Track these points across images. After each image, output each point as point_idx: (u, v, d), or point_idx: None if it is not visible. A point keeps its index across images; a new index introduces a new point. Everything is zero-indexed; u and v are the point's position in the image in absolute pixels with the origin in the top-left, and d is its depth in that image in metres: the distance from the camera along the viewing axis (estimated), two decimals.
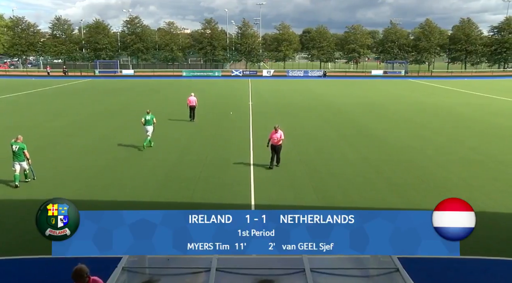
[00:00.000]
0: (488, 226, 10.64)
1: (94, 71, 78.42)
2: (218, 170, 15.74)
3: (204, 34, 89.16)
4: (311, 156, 17.82)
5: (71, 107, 33.13)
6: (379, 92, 45.89)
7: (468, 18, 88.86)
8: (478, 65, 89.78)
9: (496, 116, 28.65)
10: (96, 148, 19.30)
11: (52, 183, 14.22)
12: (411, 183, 14.33)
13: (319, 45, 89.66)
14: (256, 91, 46.52)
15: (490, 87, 52.23)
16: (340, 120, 26.93)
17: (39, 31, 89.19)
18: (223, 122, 26.10)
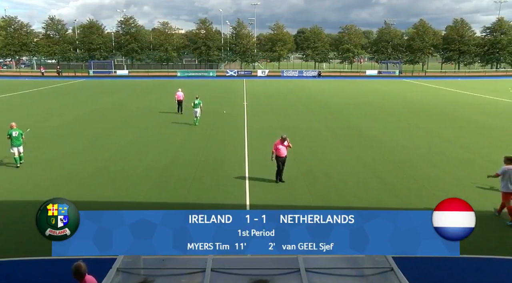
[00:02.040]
0: (480, 225, 10.72)
1: (88, 71, 78.13)
2: (213, 170, 15.72)
3: (198, 34, 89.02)
4: (305, 156, 17.86)
5: (65, 107, 32.96)
6: (373, 92, 46.04)
7: (462, 18, 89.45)
8: (471, 65, 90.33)
9: (488, 116, 28.87)
10: (90, 148, 19.21)
11: (44, 184, 14.13)
12: (405, 183, 14.40)
13: (314, 46, 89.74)
14: (251, 91, 46.51)
15: (482, 87, 52.61)
16: (335, 120, 27.00)
17: (32, 31, 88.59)
18: (218, 122, 26.09)
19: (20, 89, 47.43)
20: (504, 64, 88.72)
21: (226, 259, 5.00)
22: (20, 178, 14.83)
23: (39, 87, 50.51)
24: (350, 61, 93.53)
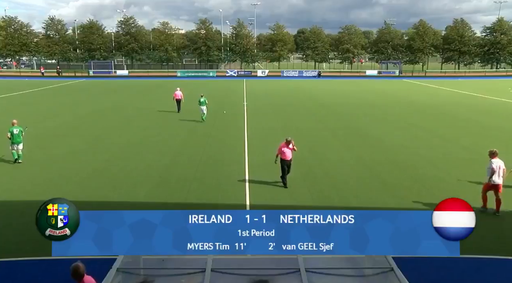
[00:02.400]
0: (480, 225, 10.72)
1: (88, 71, 78.12)
2: (213, 171, 15.72)
3: (198, 35, 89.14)
4: (305, 155, 17.82)
5: (65, 107, 32.99)
6: (373, 92, 46.06)
7: (462, 18, 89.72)
8: (471, 65, 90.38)
9: (488, 116, 28.88)
10: (89, 148, 19.20)
11: (44, 184, 14.08)
12: (405, 183, 14.39)
13: (314, 46, 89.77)
14: (251, 91, 46.50)
15: (483, 87, 52.60)
16: (334, 120, 27.01)
17: (32, 31, 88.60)
18: (218, 122, 26.09)
19: (20, 90, 47.42)
20: (504, 64, 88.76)
21: (226, 259, 5.00)
22: (20, 178, 14.82)
23: (39, 88, 50.52)
24: (350, 61, 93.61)
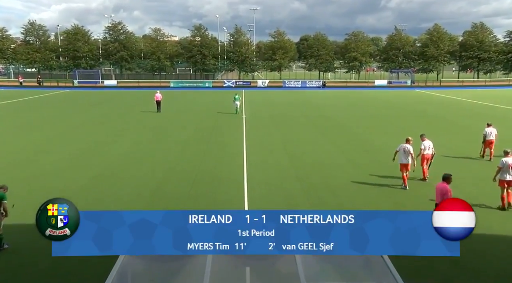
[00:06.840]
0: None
1: (73, 81, 78.60)
2: (209, 188, 15.82)
3: (193, 42, 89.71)
4: (308, 172, 17.99)
5: (46, 121, 33.29)
6: (382, 104, 46.30)
7: (481, 22, 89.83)
8: (491, 73, 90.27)
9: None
10: (74, 165, 19.17)
11: (24, 206, 12.16)
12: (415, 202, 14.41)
13: (318, 54, 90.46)
14: (250, 103, 46.86)
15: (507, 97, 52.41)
16: (340, 134, 27.26)
17: (9, 36, 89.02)
18: (214, 137, 26.23)
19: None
20: None
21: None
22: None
23: (17, 99, 51.05)
24: (357, 70, 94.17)
